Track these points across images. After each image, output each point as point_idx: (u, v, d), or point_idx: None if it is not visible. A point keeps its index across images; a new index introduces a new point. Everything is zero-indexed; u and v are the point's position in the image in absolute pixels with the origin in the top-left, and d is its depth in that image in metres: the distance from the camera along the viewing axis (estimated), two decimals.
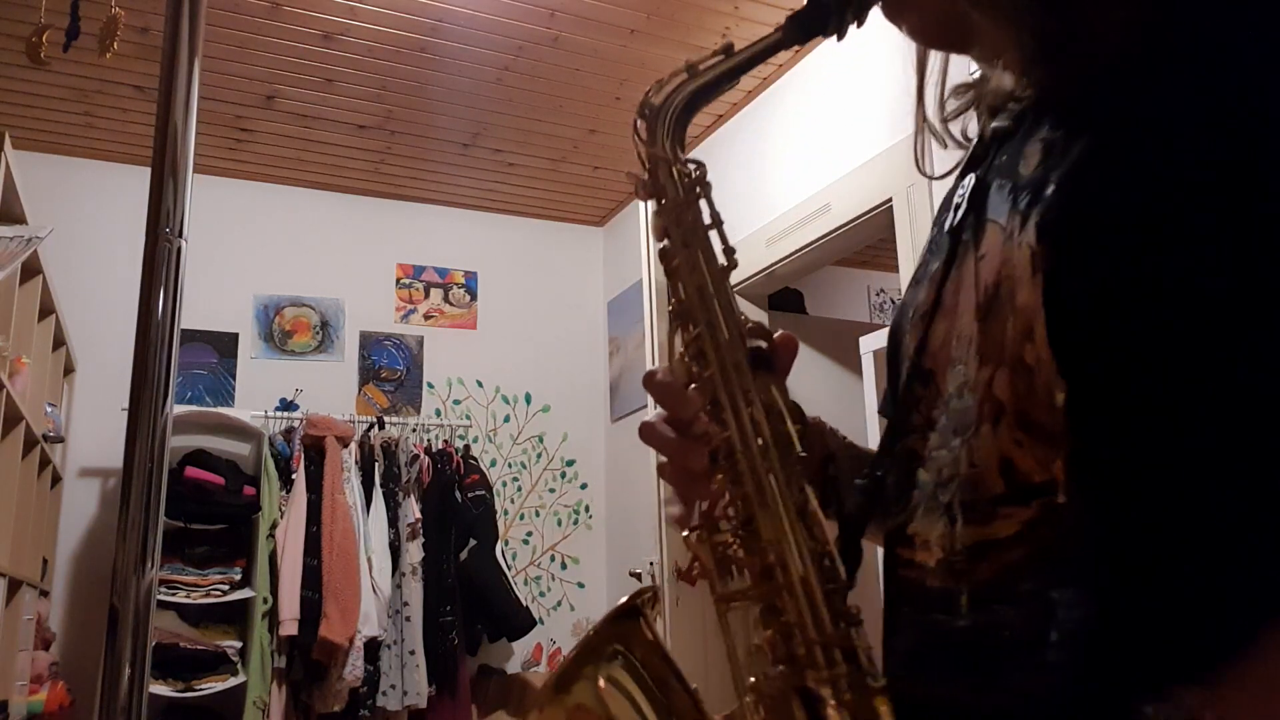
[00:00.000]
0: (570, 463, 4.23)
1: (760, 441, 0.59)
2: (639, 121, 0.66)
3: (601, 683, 0.65)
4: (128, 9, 2.60)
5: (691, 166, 0.66)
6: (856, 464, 0.75)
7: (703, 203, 0.65)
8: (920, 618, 0.62)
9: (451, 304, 4.17)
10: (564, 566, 4.13)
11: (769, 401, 0.60)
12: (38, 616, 2.96)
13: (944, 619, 0.60)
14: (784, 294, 3.55)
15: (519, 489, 4.12)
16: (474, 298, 4.21)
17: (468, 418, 4.04)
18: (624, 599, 0.67)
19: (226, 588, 3.24)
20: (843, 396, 3.20)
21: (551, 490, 4.18)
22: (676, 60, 0.65)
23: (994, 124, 0.66)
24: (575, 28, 2.97)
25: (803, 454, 0.60)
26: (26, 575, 2.67)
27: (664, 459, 0.66)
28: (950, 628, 0.59)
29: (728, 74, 0.66)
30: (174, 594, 3.13)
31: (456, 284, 4.19)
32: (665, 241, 0.65)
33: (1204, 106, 0.51)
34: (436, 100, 3.36)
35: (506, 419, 4.15)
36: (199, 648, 3.16)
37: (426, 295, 4.13)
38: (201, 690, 3.10)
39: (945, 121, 0.71)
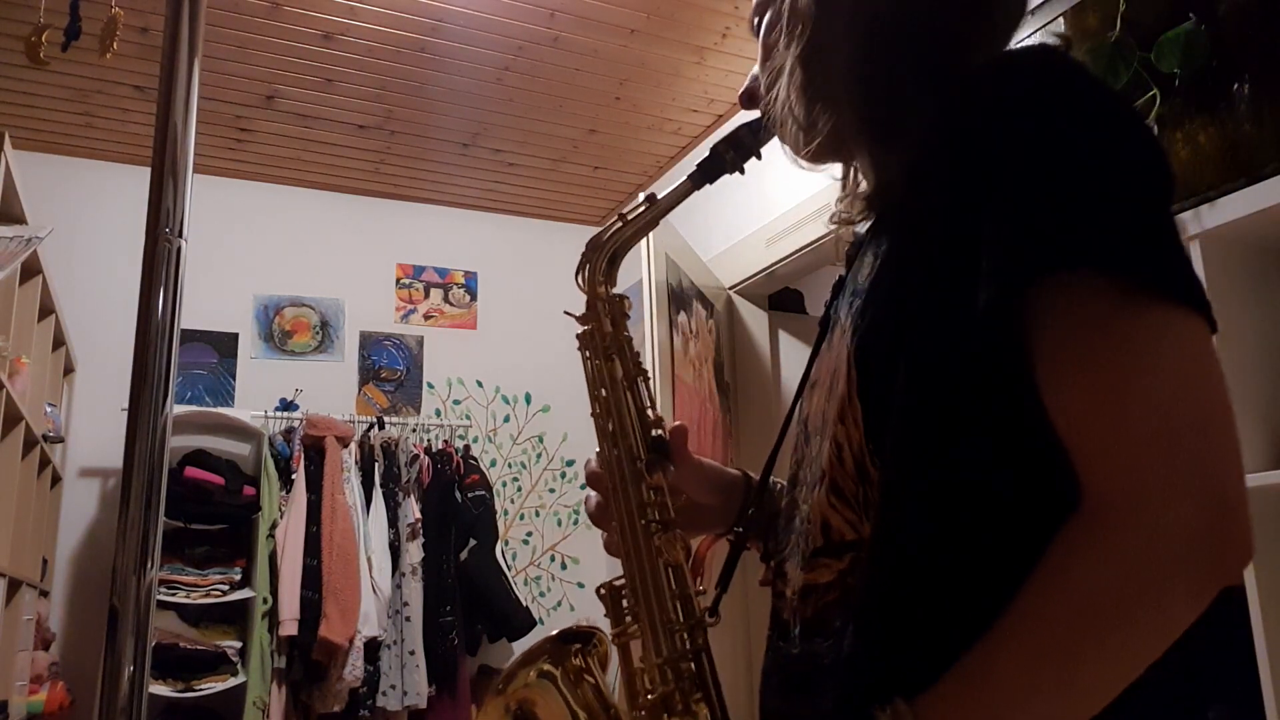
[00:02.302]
0: (570, 463, 4.23)
1: (642, 521, 0.77)
2: (582, 260, 0.85)
3: (536, 683, 0.81)
4: (128, 9, 2.60)
5: (616, 298, 0.85)
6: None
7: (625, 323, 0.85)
8: (773, 643, 0.75)
9: (451, 304, 4.16)
10: (564, 566, 4.13)
11: (657, 483, 0.78)
12: (38, 616, 2.96)
13: (784, 646, 0.73)
14: (784, 294, 3.54)
15: (519, 489, 4.12)
16: (474, 298, 4.21)
17: (468, 418, 4.04)
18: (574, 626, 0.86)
19: (226, 588, 3.23)
20: None
21: (551, 490, 4.18)
22: (676, 60, 0.69)
23: (855, 229, 0.82)
24: (575, 28, 2.97)
25: (679, 530, 0.77)
26: (26, 575, 2.67)
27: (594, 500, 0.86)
28: (788, 654, 0.72)
29: (652, 220, 0.84)
30: (174, 594, 3.13)
31: (456, 284, 4.19)
32: (588, 353, 0.84)
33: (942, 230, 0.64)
34: (436, 100, 3.36)
35: (506, 419, 4.15)
36: (199, 648, 3.16)
37: (426, 295, 4.12)
38: (201, 690, 3.10)
39: (840, 223, 0.85)
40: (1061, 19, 1.97)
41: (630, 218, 0.85)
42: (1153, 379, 0.57)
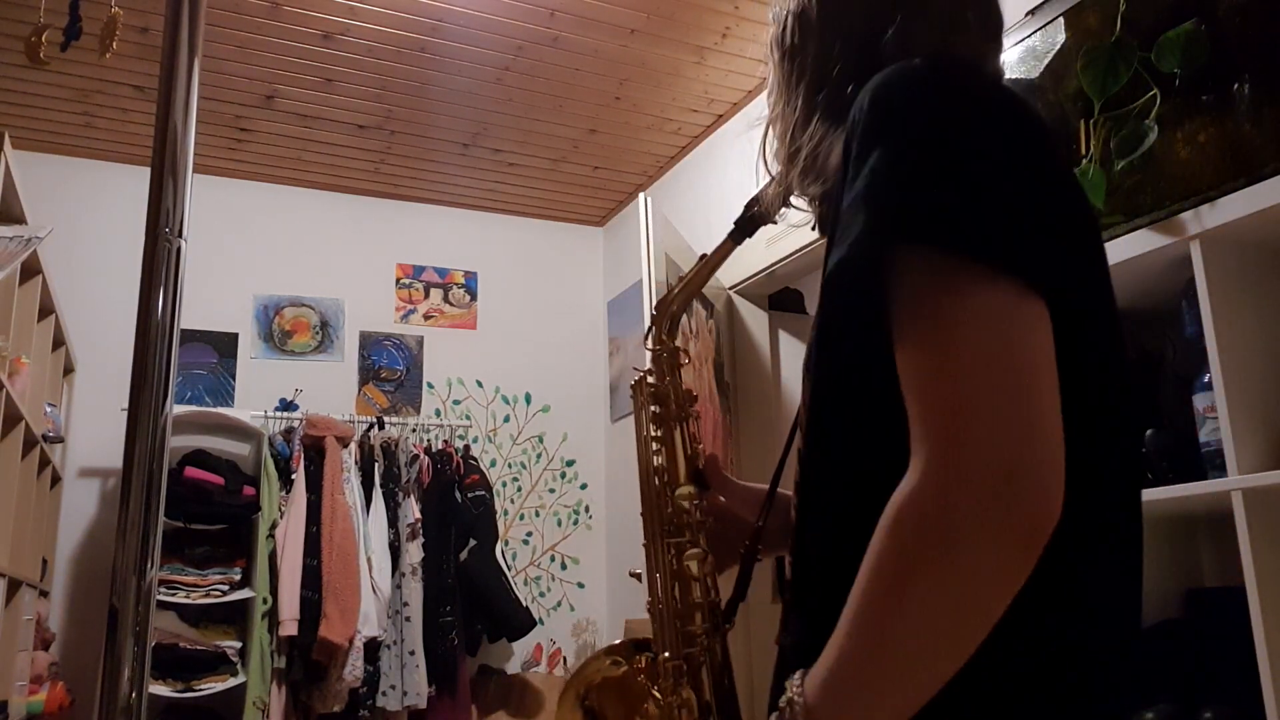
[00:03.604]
0: (570, 463, 4.23)
1: (665, 539, 0.88)
2: (652, 322, 0.98)
3: (607, 670, 0.92)
4: (128, 9, 2.60)
5: (674, 349, 0.97)
6: None
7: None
8: (780, 637, 0.81)
9: (451, 304, 4.16)
10: (564, 566, 4.13)
11: (690, 510, 0.88)
12: (37, 616, 2.96)
13: (781, 643, 0.80)
14: (784, 294, 3.54)
15: (519, 489, 4.12)
16: (474, 298, 4.21)
17: (468, 418, 4.04)
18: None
19: (226, 588, 3.23)
20: None
21: (551, 490, 4.18)
22: (676, 60, 0.72)
23: None
24: (575, 28, 2.97)
25: (706, 551, 0.86)
26: (26, 575, 2.67)
27: None
28: (781, 645, 0.79)
29: (705, 277, 0.97)
30: (174, 594, 3.13)
31: (456, 284, 4.19)
32: (656, 407, 0.96)
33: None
34: (436, 100, 3.36)
35: (506, 419, 4.15)
36: (199, 648, 3.16)
37: (426, 295, 4.12)
38: (201, 690, 3.10)
39: None
40: (1061, 19, 1.97)
41: (686, 278, 0.96)
42: (963, 355, 0.61)
